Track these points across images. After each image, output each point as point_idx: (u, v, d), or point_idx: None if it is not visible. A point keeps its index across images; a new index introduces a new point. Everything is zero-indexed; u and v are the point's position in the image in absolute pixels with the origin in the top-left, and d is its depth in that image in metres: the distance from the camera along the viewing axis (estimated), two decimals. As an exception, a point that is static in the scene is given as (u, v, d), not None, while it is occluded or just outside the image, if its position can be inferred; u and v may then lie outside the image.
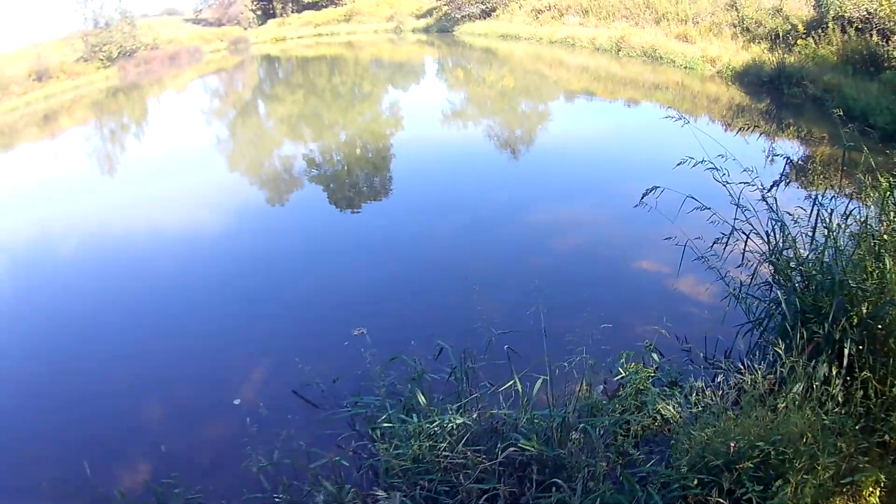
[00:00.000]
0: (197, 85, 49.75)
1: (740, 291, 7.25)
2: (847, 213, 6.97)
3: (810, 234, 6.91)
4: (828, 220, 6.83)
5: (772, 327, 7.01)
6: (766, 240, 6.97)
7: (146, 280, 12.67)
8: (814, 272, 6.68)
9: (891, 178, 6.96)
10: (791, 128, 19.55)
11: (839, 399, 5.49)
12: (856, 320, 6.07)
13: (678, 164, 6.99)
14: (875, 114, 16.81)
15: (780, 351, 5.82)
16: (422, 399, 6.24)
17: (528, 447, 5.32)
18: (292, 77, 46.93)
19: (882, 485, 5.20)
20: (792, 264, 6.89)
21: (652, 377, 6.63)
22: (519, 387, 6.07)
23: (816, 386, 5.48)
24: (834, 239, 6.71)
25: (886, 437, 5.46)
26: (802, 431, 5.04)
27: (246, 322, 10.41)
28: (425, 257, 12.31)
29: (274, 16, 79.96)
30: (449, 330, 8.01)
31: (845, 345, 5.84)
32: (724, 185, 6.93)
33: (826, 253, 6.65)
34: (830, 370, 5.60)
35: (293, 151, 24.53)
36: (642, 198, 6.60)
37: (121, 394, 8.70)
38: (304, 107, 33.82)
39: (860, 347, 5.93)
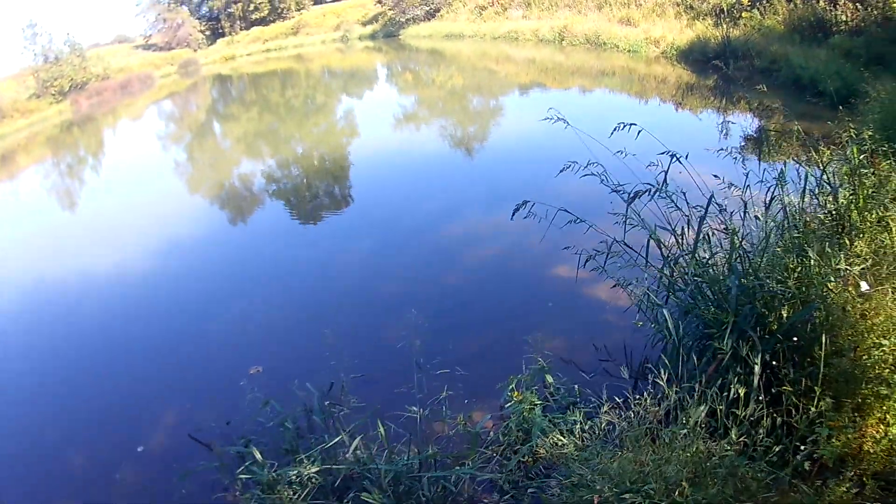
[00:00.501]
0: (151, 111, 48.75)
1: (646, 301, 6.36)
2: (769, 199, 6.24)
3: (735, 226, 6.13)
4: (744, 209, 6.23)
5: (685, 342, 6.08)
6: (677, 241, 6.20)
7: (57, 322, 11.90)
8: (711, 277, 5.90)
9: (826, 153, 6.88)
10: (742, 101, 19.00)
11: (748, 424, 4.75)
12: (775, 326, 5.35)
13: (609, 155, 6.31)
14: (824, 80, 16.19)
15: (661, 381, 4.98)
16: (257, 455, 5.68)
17: (370, 500, 4.91)
18: (245, 94, 46.10)
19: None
20: (691, 269, 6.08)
21: (539, 404, 6.01)
22: (381, 430, 5.65)
23: (720, 411, 4.85)
24: (739, 237, 5.96)
25: (807, 463, 4.51)
26: (695, 470, 4.23)
27: (155, 362, 9.68)
28: (336, 284, 11.46)
29: (223, 35, 79.14)
30: (346, 362, 7.28)
31: (755, 359, 5.00)
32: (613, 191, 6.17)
33: (735, 252, 5.83)
34: (731, 390, 4.92)
35: (251, 169, 23.80)
36: (513, 214, 5.87)
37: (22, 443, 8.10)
38: (260, 123, 33.25)
39: (775, 361, 5.17)
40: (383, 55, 55.23)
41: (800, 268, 5.60)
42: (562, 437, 5.21)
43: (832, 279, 5.31)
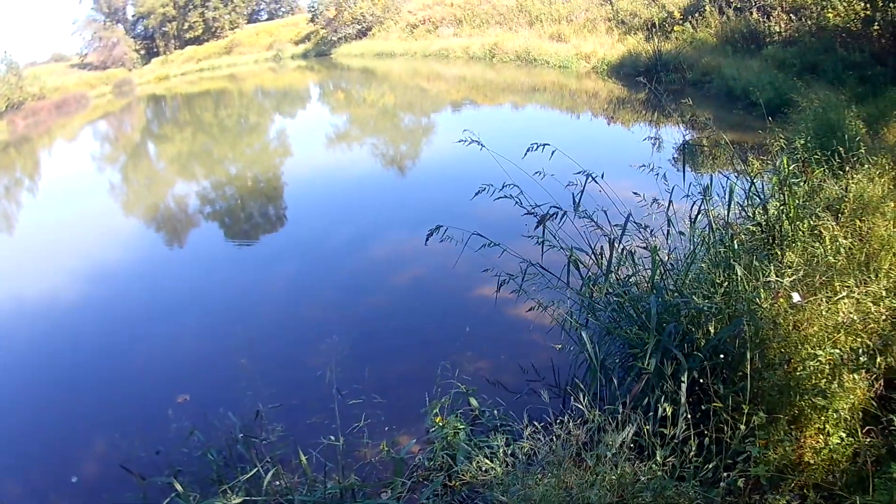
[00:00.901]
0: (86, 132, 47.26)
1: (570, 321, 5.92)
2: (694, 213, 6.05)
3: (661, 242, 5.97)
4: (667, 225, 5.96)
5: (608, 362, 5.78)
6: (596, 261, 5.90)
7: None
8: (631, 296, 5.56)
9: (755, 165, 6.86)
10: (674, 115, 18.70)
11: (677, 443, 4.48)
12: (703, 342, 5.11)
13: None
14: (756, 90, 16.07)
15: (581, 405, 4.68)
16: (178, 487, 5.42)
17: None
18: (179, 115, 45.35)
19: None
20: (607, 289, 5.77)
21: (463, 428, 5.66)
22: (303, 459, 5.44)
23: (647, 431, 4.57)
24: (664, 253, 5.84)
25: (741, 480, 4.19)
26: (621, 493, 4.02)
27: (85, 389, 9.19)
28: (262, 308, 10.98)
29: (157, 54, 78.36)
30: (269, 390, 7.05)
31: (682, 377, 4.79)
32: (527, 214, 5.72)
33: (657, 269, 5.56)
34: (658, 410, 4.66)
35: (184, 191, 22.94)
36: (426, 240, 5.59)
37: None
38: (193, 144, 32.37)
39: (703, 378, 4.89)
40: (315, 74, 54.97)
41: (727, 282, 5.40)
42: (487, 461, 4.89)
43: (762, 292, 5.14)
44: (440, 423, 5.64)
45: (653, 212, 5.95)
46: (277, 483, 5.38)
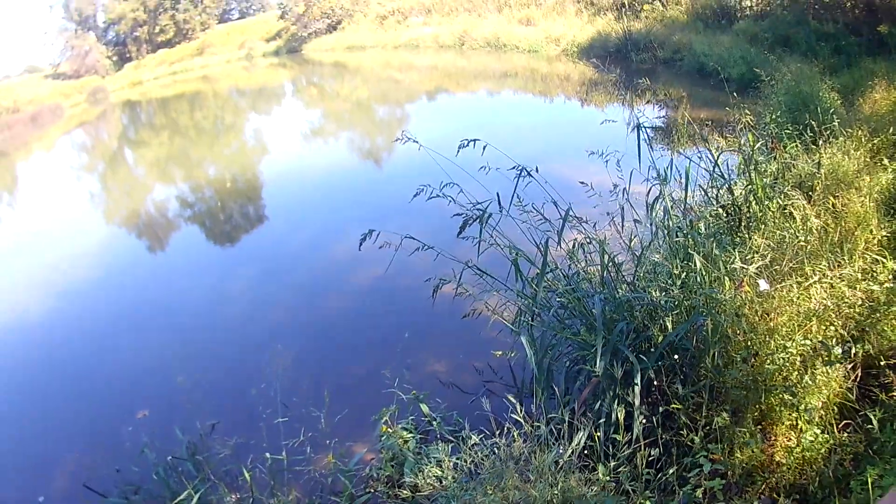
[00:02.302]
0: (64, 142, 46.68)
1: (509, 324, 5.63)
2: (652, 198, 5.64)
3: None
4: (622, 214, 5.59)
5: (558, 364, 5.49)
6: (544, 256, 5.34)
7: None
8: (578, 294, 5.18)
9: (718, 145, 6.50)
10: (648, 92, 18.49)
11: (633, 449, 4.23)
12: (660, 339, 4.77)
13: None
14: (729, 66, 16.20)
15: (518, 416, 4.43)
16: None
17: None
18: (155, 119, 44.87)
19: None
20: (554, 286, 5.42)
21: (412, 437, 5.47)
22: (247, 475, 5.34)
23: (598, 438, 4.38)
24: (605, 248, 5.26)
25: (699, 491, 3.91)
26: None
27: (49, 405, 9.06)
28: (217, 319, 10.71)
29: (130, 59, 77.18)
30: (222, 403, 7.42)
31: (636, 379, 4.42)
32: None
33: (606, 263, 5.20)
34: (609, 416, 4.45)
35: (162, 196, 22.46)
36: (360, 244, 5.27)
37: None
38: (171, 148, 31.87)
39: (659, 379, 4.62)
40: (288, 71, 54.55)
41: (685, 273, 5.05)
42: (433, 472, 4.68)
43: (726, 281, 4.82)
44: (388, 433, 5.45)
45: (611, 200, 5.61)
46: (228, 500, 5.32)
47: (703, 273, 4.88)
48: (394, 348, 7.72)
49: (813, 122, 8.06)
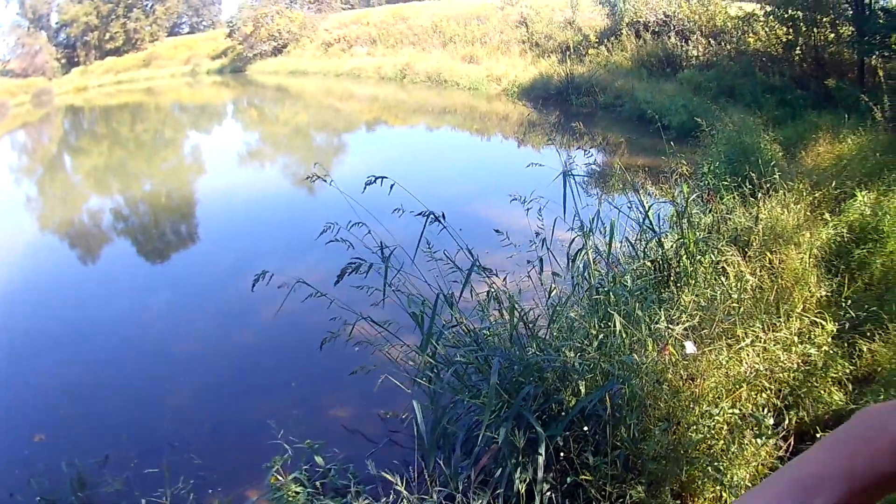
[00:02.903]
0: (5, 142, 45.98)
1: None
2: (573, 253, 5.35)
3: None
4: (539, 266, 5.22)
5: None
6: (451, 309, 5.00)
7: None
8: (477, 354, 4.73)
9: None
10: (585, 136, 18.33)
11: None
12: (572, 402, 4.35)
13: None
14: (669, 114, 16.24)
15: (400, 487, 4.02)
16: None
17: None
18: (97, 127, 44.14)
19: None
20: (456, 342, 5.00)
21: (303, 491, 4.94)
22: None
23: None
24: (515, 304, 4.78)
25: None
26: None
27: None
28: (128, 345, 10.13)
29: (78, 64, 76.21)
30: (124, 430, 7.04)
31: (540, 448, 4.01)
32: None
33: (513, 321, 4.71)
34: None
35: (100, 205, 21.97)
36: (252, 286, 4.83)
37: None
38: (110, 158, 31.27)
39: (567, 447, 4.21)
40: (230, 90, 54.17)
41: (602, 334, 4.61)
42: None
43: (649, 342, 4.44)
44: (277, 484, 4.94)
45: (531, 249, 5.24)
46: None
47: (624, 335, 4.48)
48: (297, 392, 7.45)
49: (753, 174, 7.81)
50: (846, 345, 5.00)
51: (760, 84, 16.72)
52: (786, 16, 17.13)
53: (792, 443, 4.24)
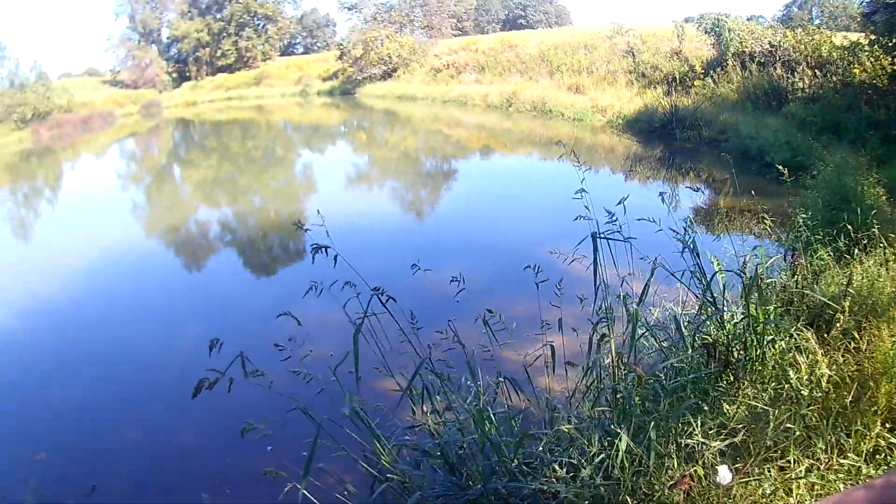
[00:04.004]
0: (113, 150, 47.42)
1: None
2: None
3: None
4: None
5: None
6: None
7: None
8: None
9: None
10: (691, 173, 17.71)
11: None
12: None
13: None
14: (773, 151, 15.45)
15: None
16: None
17: None
18: (206, 141, 45.05)
19: None
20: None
21: None
22: None
23: None
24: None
25: None
26: None
27: None
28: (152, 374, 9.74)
29: (189, 78, 78.35)
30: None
31: None
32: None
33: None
34: None
35: (208, 216, 22.54)
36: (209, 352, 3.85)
37: None
38: (219, 171, 32.02)
39: None
40: (340, 112, 54.37)
41: (604, 453, 3.73)
42: None
43: (675, 461, 3.62)
44: None
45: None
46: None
47: (628, 457, 3.64)
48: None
49: (850, 226, 6.85)
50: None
51: (865, 119, 15.88)
52: (890, 44, 16.41)
53: None
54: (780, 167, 8.15)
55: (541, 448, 4.14)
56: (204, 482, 6.72)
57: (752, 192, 9.97)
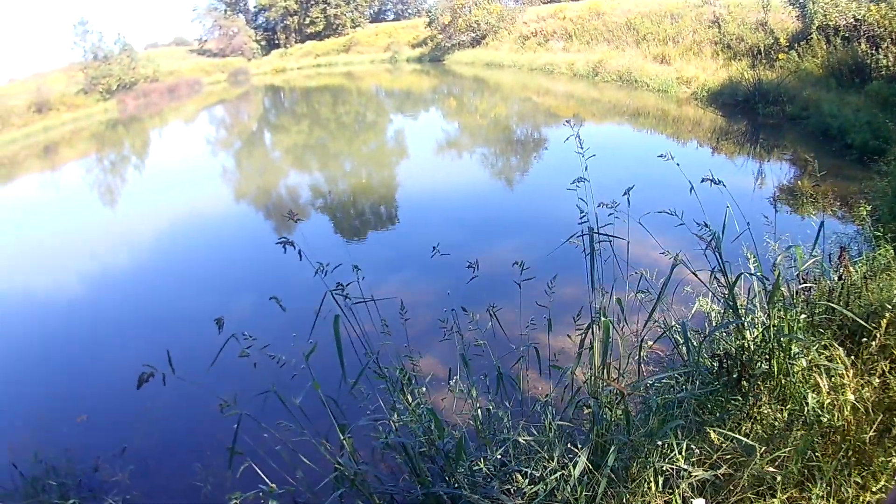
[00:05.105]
0: (202, 116, 48.73)
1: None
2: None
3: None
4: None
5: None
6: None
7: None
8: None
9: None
10: (775, 150, 17.77)
11: None
12: None
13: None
14: (853, 131, 15.10)
15: None
16: None
17: None
18: (296, 107, 45.89)
19: None
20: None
21: None
22: None
23: None
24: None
25: None
26: None
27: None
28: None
29: (277, 46, 79.75)
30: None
31: None
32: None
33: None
34: None
35: (298, 181, 23.35)
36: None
37: None
38: (310, 137, 32.79)
39: None
40: (429, 79, 54.52)
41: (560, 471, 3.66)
42: None
43: (652, 487, 3.52)
44: None
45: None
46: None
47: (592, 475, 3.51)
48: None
49: None
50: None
51: (951, 100, 15.07)
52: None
53: None
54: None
55: (498, 455, 4.06)
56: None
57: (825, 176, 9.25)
